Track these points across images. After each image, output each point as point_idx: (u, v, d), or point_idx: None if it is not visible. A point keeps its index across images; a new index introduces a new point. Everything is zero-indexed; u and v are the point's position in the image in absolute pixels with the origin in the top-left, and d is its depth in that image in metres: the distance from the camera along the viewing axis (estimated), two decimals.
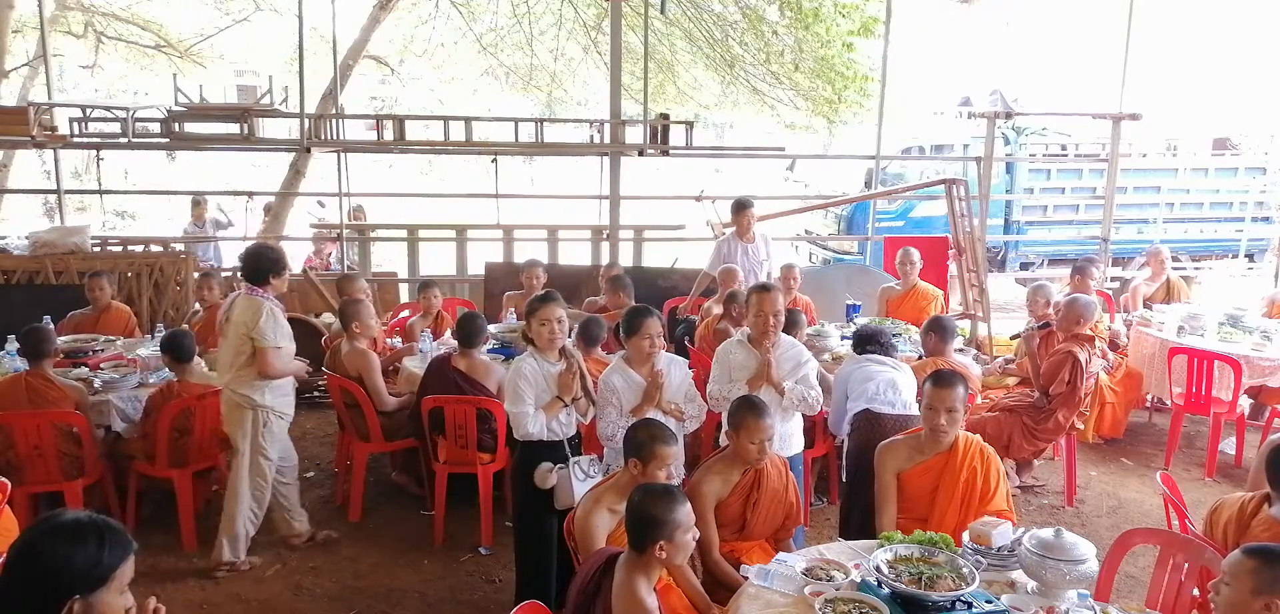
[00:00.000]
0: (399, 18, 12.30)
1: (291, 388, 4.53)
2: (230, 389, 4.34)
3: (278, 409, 4.40)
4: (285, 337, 4.34)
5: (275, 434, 4.42)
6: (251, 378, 4.29)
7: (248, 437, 4.35)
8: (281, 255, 4.56)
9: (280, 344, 4.29)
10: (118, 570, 1.91)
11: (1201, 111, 12.33)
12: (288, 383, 4.48)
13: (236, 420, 4.37)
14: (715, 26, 11.61)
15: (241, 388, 4.31)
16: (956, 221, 7.63)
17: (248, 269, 4.40)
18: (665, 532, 2.56)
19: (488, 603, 4.29)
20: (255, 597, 4.29)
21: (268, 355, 4.22)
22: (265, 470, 4.42)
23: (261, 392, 4.32)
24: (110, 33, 12.94)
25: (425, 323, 6.03)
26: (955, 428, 3.34)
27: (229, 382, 4.34)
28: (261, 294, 4.31)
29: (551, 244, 9.10)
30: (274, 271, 4.37)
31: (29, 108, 7.22)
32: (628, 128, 8.56)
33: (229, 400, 4.37)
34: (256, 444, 4.37)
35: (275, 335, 4.25)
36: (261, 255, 4.45)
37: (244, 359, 4.27)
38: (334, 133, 8.21)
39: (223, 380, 4.40)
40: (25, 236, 7.65)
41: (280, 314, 4.34)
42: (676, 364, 4.04)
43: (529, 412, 3.67)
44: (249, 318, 4.24)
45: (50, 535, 1.93)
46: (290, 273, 4.88)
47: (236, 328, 4.30)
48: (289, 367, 4.41)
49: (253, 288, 4.34)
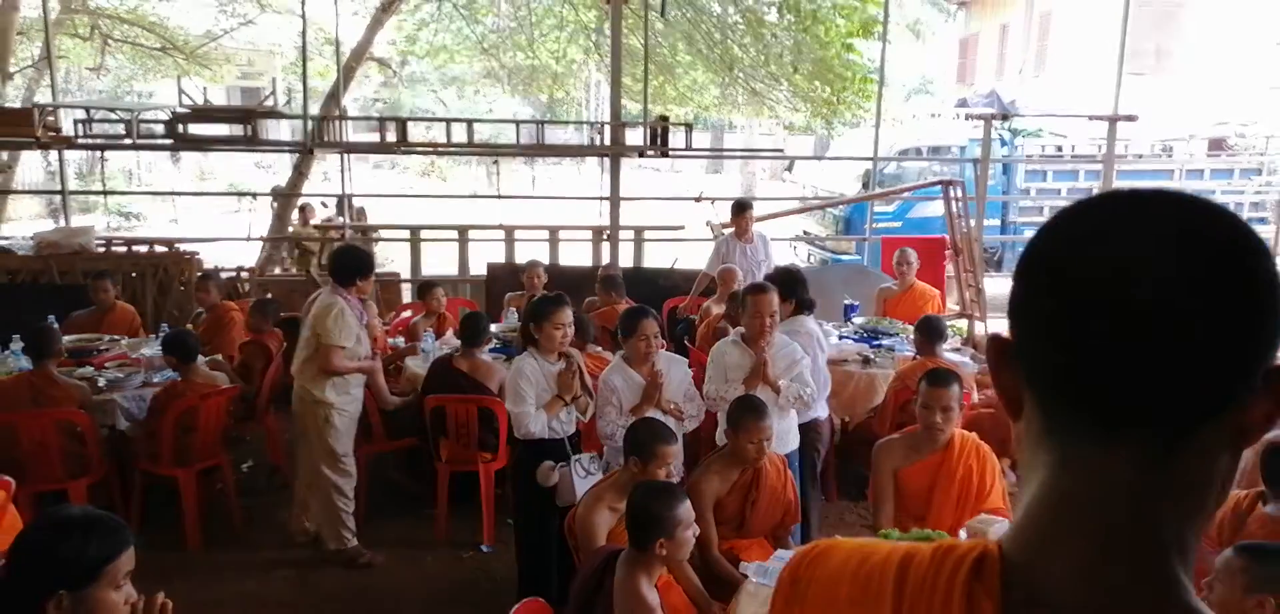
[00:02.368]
0: (402, 20, 12.35)
1: (357, 386, 4.57)
2: (299, 384, 4.43)
3: (339, 406, 4.44)
4: (350, 336, 4.37)
5: (338, 430, 4.46)
6: (314, 373, 4.36)
7: (314, 431, 4.43)
8: (370, 258, 4.63)
9: (344, 343, 4.32)
10: (109, 565, 1.86)
11: (1198, 112, 12.37)
12: (352, 381, 4.51)
13: (304, 415, 4.45)
14: (715, 28, 11.66)
15: (307, 383, 4.38)
16: (954, 222, 7.68)
17: (335, 267, 4.47)
18: (666, 529, 2.61)
19: (489, 601, 4.32)
20: (258, 595, 4.33)
21: (327, 353, 4.28)
22: (337, 462, 4.49)
23: (324, 388, 4.37)
24: (116, 35, 12.98)
25: (428, 323, 6.08)
26: (951, 426, 3.38)
27: (297, 376, 4.43)
28: (343, 294, 4.36)
29: (552, 244, 9.14)
30: (361, 273, 4.42)
31: (34, 109, 7.27)
32: (627, 130, 8.61)
33: (297, 395, 4.46)
34: (321, 439, 4.43)
35: (340, 334, 4.29)
36: (350, 256, 4.54)
37: (310, 353, 4.35)
38: (337, 134, 8.26)
39: (295, 368, 4.48)
40: (30, 237, 7.69)
41: (351, 315, 4.38)
42: (676, 363, 4.09)
43: (530, 411, 3.72)
44: (319, 315, 4.32)
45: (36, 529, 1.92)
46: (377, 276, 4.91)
47: (309, 324, 4.40)
48: (347, 366, 4.43)
49: (337, 287, 4.40)
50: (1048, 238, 0.66)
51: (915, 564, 0.73)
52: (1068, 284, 0.63)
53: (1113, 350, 0.61)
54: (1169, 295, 0.60)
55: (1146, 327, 0.60)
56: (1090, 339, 0.62)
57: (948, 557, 0.72)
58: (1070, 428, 0.65)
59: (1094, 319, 0.61)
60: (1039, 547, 0.67)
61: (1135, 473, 0.63)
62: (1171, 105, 12.79)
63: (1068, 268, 0.64)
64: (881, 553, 0.77)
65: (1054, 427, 0.67)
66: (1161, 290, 0.60)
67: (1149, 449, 0.63)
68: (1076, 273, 0.63)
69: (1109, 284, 0.61)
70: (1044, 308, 0.65)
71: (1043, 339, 0.65)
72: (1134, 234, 0.62)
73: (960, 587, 0.69)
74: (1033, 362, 0.67)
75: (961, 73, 23.24)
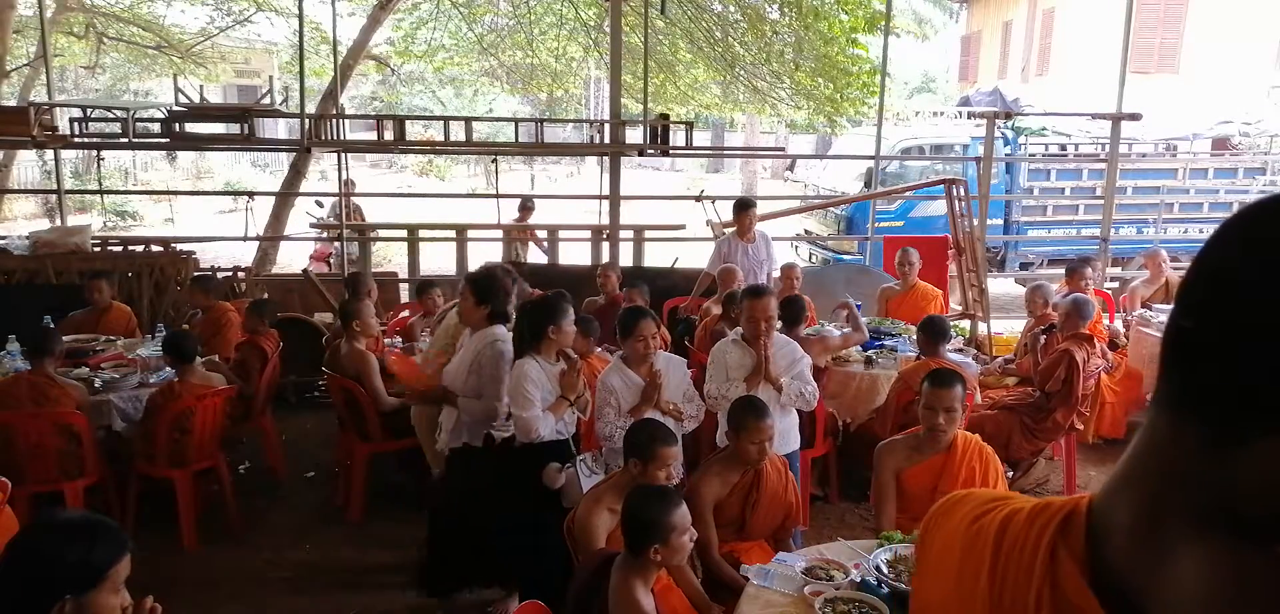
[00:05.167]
0: (400, 18, 12.31)
1: None
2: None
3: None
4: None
5: None
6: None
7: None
8: (506, 278, 4.60)
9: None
10: (111, 570, 1.90)
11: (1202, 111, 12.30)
12: None
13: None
14: (716, 26, 11.61)
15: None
16: (956, 222, 7.63)
17: (474, 283, 4.42)
18: (660, 535, 2.57)
19: (489, 602, 4.29)
20: (255, 596, 4.29)
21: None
22: None
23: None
24: (111, 33, 12.94)
25: (426, 323, 6.03)
26: (954, 427, 3.34)
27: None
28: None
29: (552, 244, 9.10)
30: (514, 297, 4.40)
31: (29, 108, 7.22)
32: (627, 128, 8.56)
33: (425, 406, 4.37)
34: None
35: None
36: (491, 276, 4.50)
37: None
38: (334, 133, 8.21)
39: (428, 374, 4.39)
40: (26, 237, 7.65)
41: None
42: (675, 364, 4.05)
43: (537, 413, 3.67)
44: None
45: (40, 535, 1.93)
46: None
47: (447, 334, 4.33)
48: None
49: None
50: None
51: (1013, 523, 0.76)
52: (1206, 263, 0.64)
53: (1204, 337, 0.61)
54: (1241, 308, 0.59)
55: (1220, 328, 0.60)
56: (1204, 321, 0.62)
57: (1040, 515, 0.74)
58: (1160, 394, 0.66)
59: (1210, 305, 0.62)
60: (1115, 492, 0.69)
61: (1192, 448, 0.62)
62: (1175, 104, 12.75)
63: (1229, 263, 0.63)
64: (996, 512, 0.79)
65: (1156, 390, 0.67)
66: (1241, 294, 0.59)
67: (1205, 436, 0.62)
68: (1219, 261, 0.63)
69: (1222, 277, 0.62)
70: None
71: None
72: (1262, 235, 0.61)
73: (1045, 548, 0.71)
74: None
75: (964, 71, 23.21)
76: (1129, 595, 0.66)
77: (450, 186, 22.60)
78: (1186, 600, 0.61)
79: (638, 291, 6.10)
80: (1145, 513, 0.65)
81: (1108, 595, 0.67)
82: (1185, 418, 0.62)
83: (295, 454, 6.00)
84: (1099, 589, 0.67)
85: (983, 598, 0.75)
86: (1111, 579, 0.67)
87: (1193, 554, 0.61)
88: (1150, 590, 0.64)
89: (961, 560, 0.78)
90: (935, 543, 0.85)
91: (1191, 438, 0.62)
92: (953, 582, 0.80)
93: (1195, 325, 0.62)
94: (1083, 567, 0.68)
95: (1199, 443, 0.61)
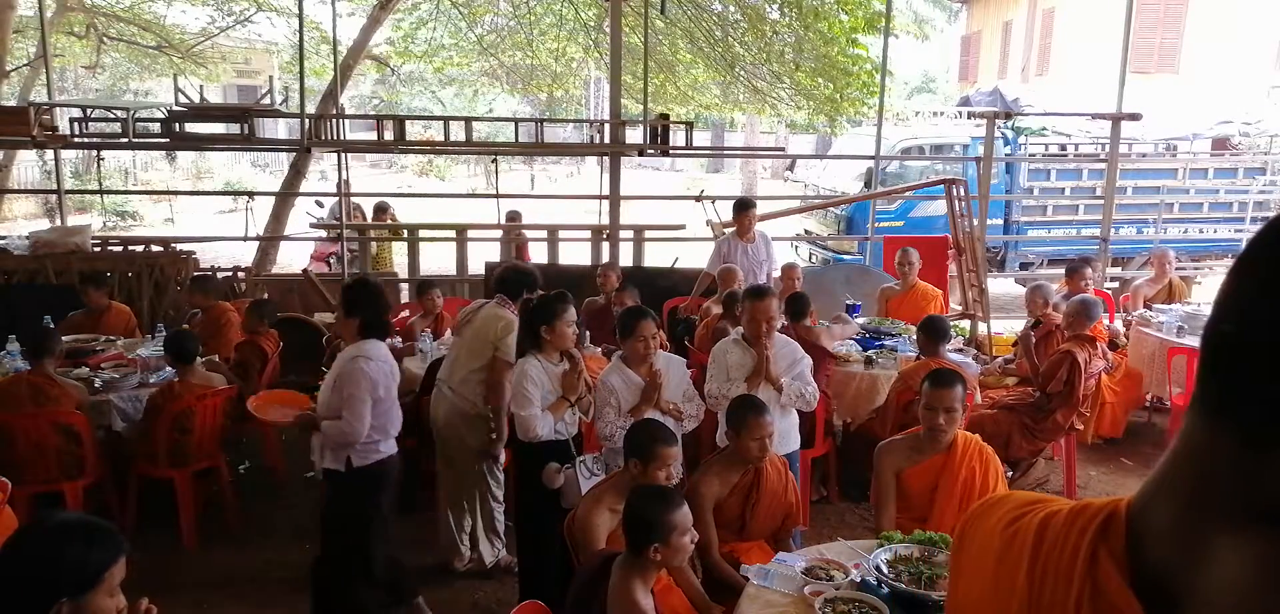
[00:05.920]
0: (400, 18, 12.30)
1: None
2: (460, 395, 4.27)
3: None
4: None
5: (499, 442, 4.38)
6: (479, 385, 4.24)
7: (479, 443, 4.31)
8: (537, 275, 4.62)
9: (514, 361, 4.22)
10: (107, 571, 1.89)
11: (1202, 111, 12.29)
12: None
13: (469, 428, 4.29)
14: (715, 26, 11.61)
15: (472, 394, 4.25)
16: (956, 222, 7.63)
17: (503, 279, 4.45)
18: (660, 535, 2.57)
19: (489, 603, 4.30)
20: (255, 598, 4.29)
21: (505, 371, 4.13)
22: (496, 471, 4.43)
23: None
24: (112, 33, 12.94)
25: (425, 323, 6.04)
26: (954, 427, 3.34)
27: (458, 386, 4.27)
28: (512, 310, 4.30)
29: (551, 244, 9.10)
30: (530, 290, 4.40)
31: (30, 108, 7.22)
32: (627, 128, 8.55)
33: (454, 406, 4.29)
34: (487, 453, 4.34)
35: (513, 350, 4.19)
36: (521, 272, 4.57)
37: (479, 365, 4.23)
38: (334, 133, 8.21)
39: (454, 380, 4.30)
40: (25, 237, 7.65)
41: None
42: (675, 364, 4.04)
43: (537, 413, 3.67)
44: (498, 330, 4.21)
45: (37, 536, 1.93)
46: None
47: (480, 334, 4.26)
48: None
49: (506, 300, 4.34)
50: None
51: (1053, 525, 0.76)
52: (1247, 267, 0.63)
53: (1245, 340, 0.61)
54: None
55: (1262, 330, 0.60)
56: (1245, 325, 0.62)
57: (1079, 517, 0.75)
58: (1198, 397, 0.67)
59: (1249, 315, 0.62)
60: (1153, 494, 0.70)
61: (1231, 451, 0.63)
62: (1175, 104, 12.74)
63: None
64: (1034, 513, 0.80)
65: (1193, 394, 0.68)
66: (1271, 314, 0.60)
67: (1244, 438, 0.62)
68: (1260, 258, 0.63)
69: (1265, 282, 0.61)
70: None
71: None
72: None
73: (1085, 549, 0.72)
74: None
75: (964, 71, 23.21)
76: (1168, 596, 0.66)
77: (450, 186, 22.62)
78: (1226, 595, 0.62)
79: (627, 293, 6.09)
80: (1184, 514, 0.66)
81: (1147, 597, 0.68)
82: (1224, 421, 0.63)
83: (295, 454, 5.99)
84: (1139, 591, 0.68)
85: (1021, 598, 0.76)
86: (1151, 580, 0.68)
87: (1232, 551, 0.62)
88: (1189, 589, 0.65)
89: (998, 561, 0.80)
90: (972, 543, 0.86)
91: (1230, 440, 0.62)
92: (990, 582, 0.81)
93: (1236, 329, 0.62)
94: (1123, 569, 0.69)
95: (1238, 445, 0.61)
